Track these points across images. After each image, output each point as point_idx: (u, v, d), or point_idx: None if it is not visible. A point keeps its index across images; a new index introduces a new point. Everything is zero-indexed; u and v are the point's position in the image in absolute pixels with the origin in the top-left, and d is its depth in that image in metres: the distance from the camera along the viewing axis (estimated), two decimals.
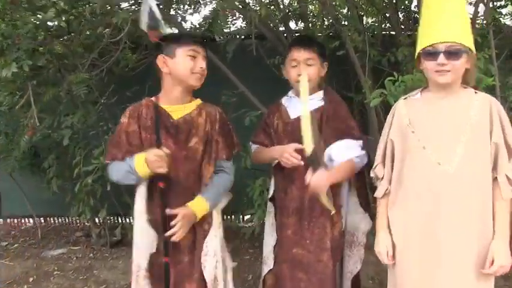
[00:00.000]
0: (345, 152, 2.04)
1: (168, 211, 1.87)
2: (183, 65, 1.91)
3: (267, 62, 3.54)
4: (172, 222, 1.86)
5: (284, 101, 2.26)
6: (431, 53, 1.67)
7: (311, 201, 2.03)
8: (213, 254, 1.97)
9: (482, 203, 1.68)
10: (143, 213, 1.91)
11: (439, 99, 1.74)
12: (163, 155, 1.82)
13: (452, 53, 1.64)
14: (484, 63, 2.41)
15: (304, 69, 2.06)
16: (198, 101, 2.05)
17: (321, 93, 2.16)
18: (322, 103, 2.13)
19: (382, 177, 1.87)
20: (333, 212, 1.97)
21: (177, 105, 1.98)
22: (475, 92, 1.75)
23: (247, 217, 4.42)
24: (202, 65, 1.95)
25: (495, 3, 3.68)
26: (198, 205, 1.92)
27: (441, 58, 1.64)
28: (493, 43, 3.12)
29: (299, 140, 1.92)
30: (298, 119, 1.99)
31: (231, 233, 4.16)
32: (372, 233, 2.05)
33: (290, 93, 2.26)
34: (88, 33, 3.22)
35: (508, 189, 1.68)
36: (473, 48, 1.70)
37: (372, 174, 1.93)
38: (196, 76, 1.94)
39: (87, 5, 2.91)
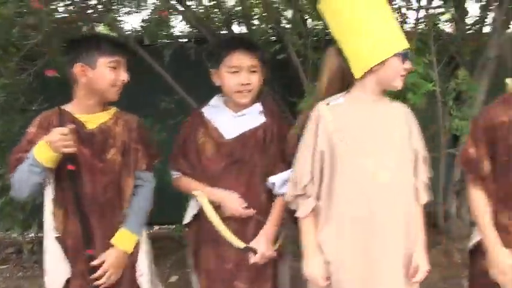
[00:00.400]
0: (285, 185, 1.82)
1: (92, 262, 1.72)
2: (103, 78, 1.75)
3: (208, 66, 3.39)
4: (100, 272, 1.71)
5: (208, 112, 1.96)
6: (405, 56, 1.62)
7: None
8: (147, 271, 1.85)
9: (410, 212, 1.66)
10: (51, 227, 1.73)
11: (366, 104, 1.67)
12: (67, 131, 1.63)
13: (407, 58, 1.63)
14: (424, 68, 2.38)
15: (246, 77, 1.85)
16: (114, 109, 1.88)
17: (258, 106, 1.95)
18: (263, 118, 1.92)
19: (305, 194, 1.68)
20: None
21: (91, 114, 1.80)
22: (388, 99, 1.74)
23: None
24: (124, 77, 1.79)
25: (435, 10, 3.74)
26: (125, 240, 1.78)
27: (407, 62, 1.63)
28: (433, 49, 3.13)
29: (237, 165, 1.82)
30: (237, 140, 1.84)
31: (174, 244, 3.97)
32: None
33: (215, 101, 1.99)
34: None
35: (425, 194, 1.70)
36: None
37: (289, 196, 1.72)
38: (116, 90, 1.79)
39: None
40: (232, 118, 1.89)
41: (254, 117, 1.90)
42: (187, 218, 1.98)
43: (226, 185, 1.85)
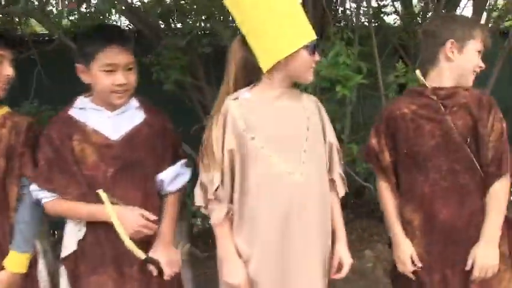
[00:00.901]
0: (177, 179, 1.70)
1: None
2: None
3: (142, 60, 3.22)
4: None
5: (78, 115, 1.64)
6: (313, 48, 1.51)
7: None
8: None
9: (326, 209, 1.57)
10: None
11: (275, 98, 1.54)
12: None
13: (315, 49, 1.53)
14: (353, 60, 2.27)
15: (123, 76, 1.58)
16: (5, 110, 1.67)
17: (135, 102, 1.69)
18: (142, 114, 1.68)
19: (215, 199, 1.52)
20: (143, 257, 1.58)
21: None
22: (300, 93, 1.63)
23: None
24: (7, 72, 1.59)
25: (379, 3, 3.68)
26: (13, 262, 1.61)
27: (317, 54, 1.53)
28: (374, 41, 3.05)
29: (129, 169, 1.60)
30: (124, 141, 1.61)
31: None
32: None
33: (81, 102, 1.66)
34: None
35: (342, 187, 1.63)
36: None
37: (200, 201, 1.54)
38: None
39: None
40: (109, 118, 1.64)
41: (133, 114, 1.67)
42: (67, 250, 1.61)
43: (120, 194, 1.58)
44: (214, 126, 1.53)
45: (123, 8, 3.06)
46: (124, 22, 4.11)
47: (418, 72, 1.73)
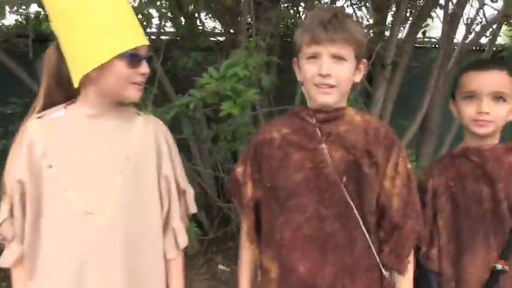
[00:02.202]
0: None
1: None
2: None
3: None
4: None
5: None
6: (136, 58, 1.21)
7: None
8: None
9: (152, 270, 1.29)
10: None
11: (90, 119, 1.25)
12: None
13: (141, 60, 1.24)
14: (255, 71, 1.99)
15: None
16: None
17: None
18: None
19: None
20: None
21: None
22: (138, 113, 1.34)
23: None
24: None
25: None
26: None
27: (144, 66, 1.24)
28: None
29: None
30: None
31: None
32: None
33: None
34: None
35: (185, 237, 1.34)
36: None
37: None
38: None
39: None
40: None
41: None
42: None
43: None
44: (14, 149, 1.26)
45: None
46: None
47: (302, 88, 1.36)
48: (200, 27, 3.27)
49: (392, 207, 1.25)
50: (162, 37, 3.22)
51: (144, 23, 3.34)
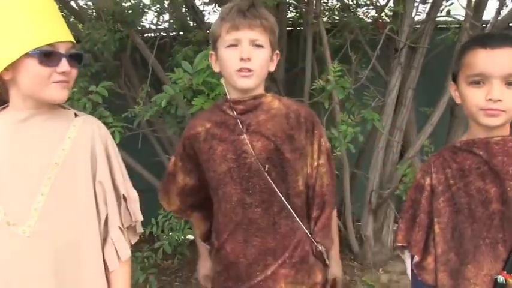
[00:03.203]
0: None
1: None
2: None
3: None
4: None
5: None
6: (51, 56, 1.11)
7: None
8: None
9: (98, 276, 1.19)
10: None
11: (18, 123, 1.16)
12: None
13: (73, 57, 1.16)
14: None
15: None
16: None
17: None
18: None
19: None
20: None
21: None
22: (75, 115, 1.24)
23: None
24: None
25: None
26: None
27: (63, 64, 1.13)
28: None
29: None
30: None
31: None
32: None
33: None
34: None
35: (126, 247, 1.23)
36: None
37: None
38: None
39: None
40: None
41: None
42: None
43: None
44: None
45: None
46: None
47: (222, 80, 1.39)
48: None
49: (323, 185, 1.34)
50: (163, 33, 3.15)
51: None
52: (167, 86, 1.82)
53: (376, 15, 3.16)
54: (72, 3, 3.13)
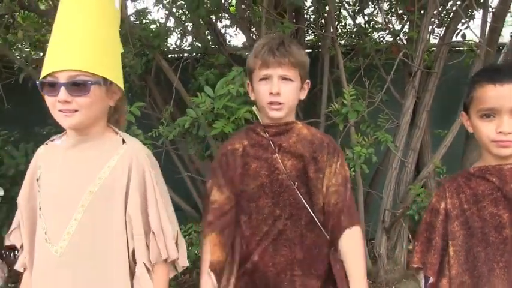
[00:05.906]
0: None
1: None
2: None
3: None
4: None
5: None
6: (51, 86, 1.18)
7: None
8: None
9: None
10: None
11: (68, 148, 1.28)
12: None
13: (76, 86, 1.17)
14: None
15: None
16: None
17: None
18: None
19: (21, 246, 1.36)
20: None
21: None
22: (123, 141, 1.30)
23: None
24: None
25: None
26: None
27: (62, 93, 1.16)
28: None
29: None
30: None
31: None
32: None
33: None
34: None
35: (149, 284, 1.24)
36: (113, 78, 1.25)
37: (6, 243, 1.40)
38: None
39: None
40: None
41: None
42: None
43: None
44: None
45: None
46: None
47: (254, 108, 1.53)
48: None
49: (330, 204, 1.44)
50: (186, 54, 3.29)
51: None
52: (190, 109, 1.95)
53: (392, 39, 3.25)
54: None
